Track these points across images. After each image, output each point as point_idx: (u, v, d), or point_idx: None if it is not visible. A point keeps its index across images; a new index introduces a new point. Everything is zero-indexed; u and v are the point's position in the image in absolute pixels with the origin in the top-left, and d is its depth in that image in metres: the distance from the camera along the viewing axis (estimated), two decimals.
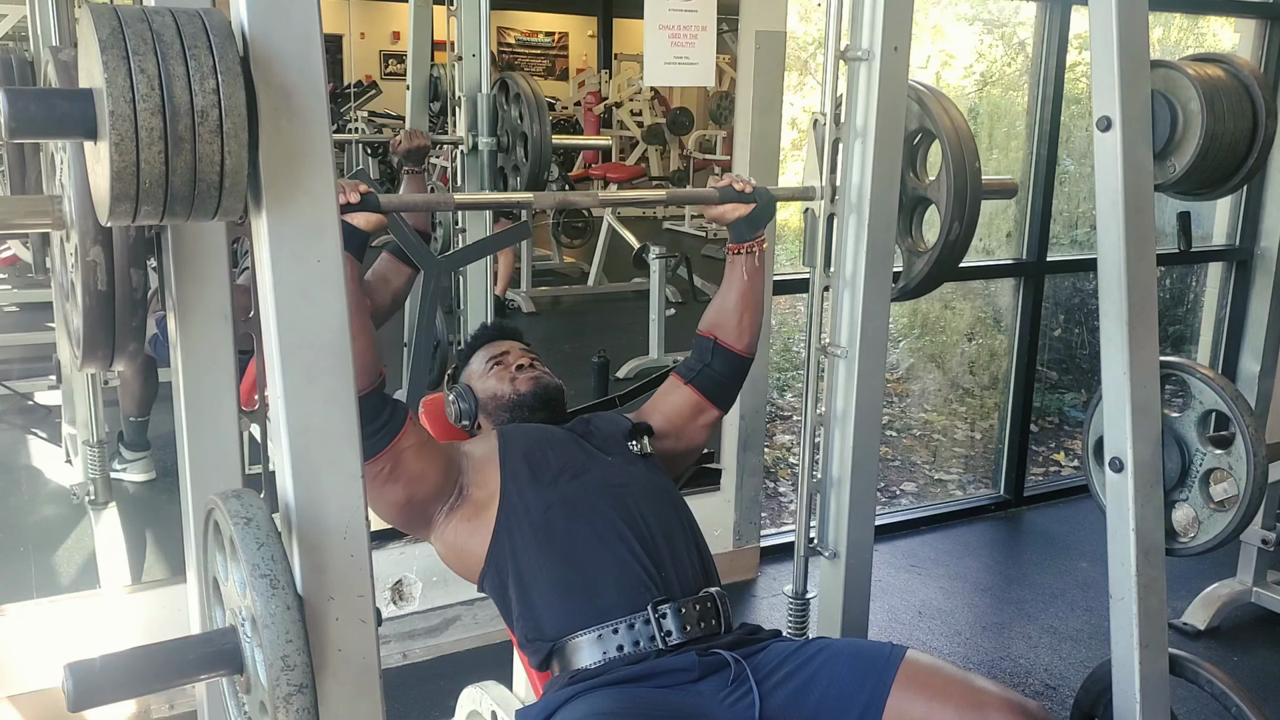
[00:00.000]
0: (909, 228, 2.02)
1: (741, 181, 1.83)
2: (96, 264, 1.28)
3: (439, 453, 1.73)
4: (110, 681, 1.06)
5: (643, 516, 1.72)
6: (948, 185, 1.91)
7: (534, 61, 3.40)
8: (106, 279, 1.30)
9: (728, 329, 1.91)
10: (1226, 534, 1.74)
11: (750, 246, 1.87)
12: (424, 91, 3.02)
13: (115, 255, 1.29)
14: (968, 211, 1.92)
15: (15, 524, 2.64)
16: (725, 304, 1.91)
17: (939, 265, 1.98)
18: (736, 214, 1.84)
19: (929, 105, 1.93)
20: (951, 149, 1.90)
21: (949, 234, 1.93)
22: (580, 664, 1.62)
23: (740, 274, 1.88)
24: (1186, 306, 4.92)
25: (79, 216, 1.27)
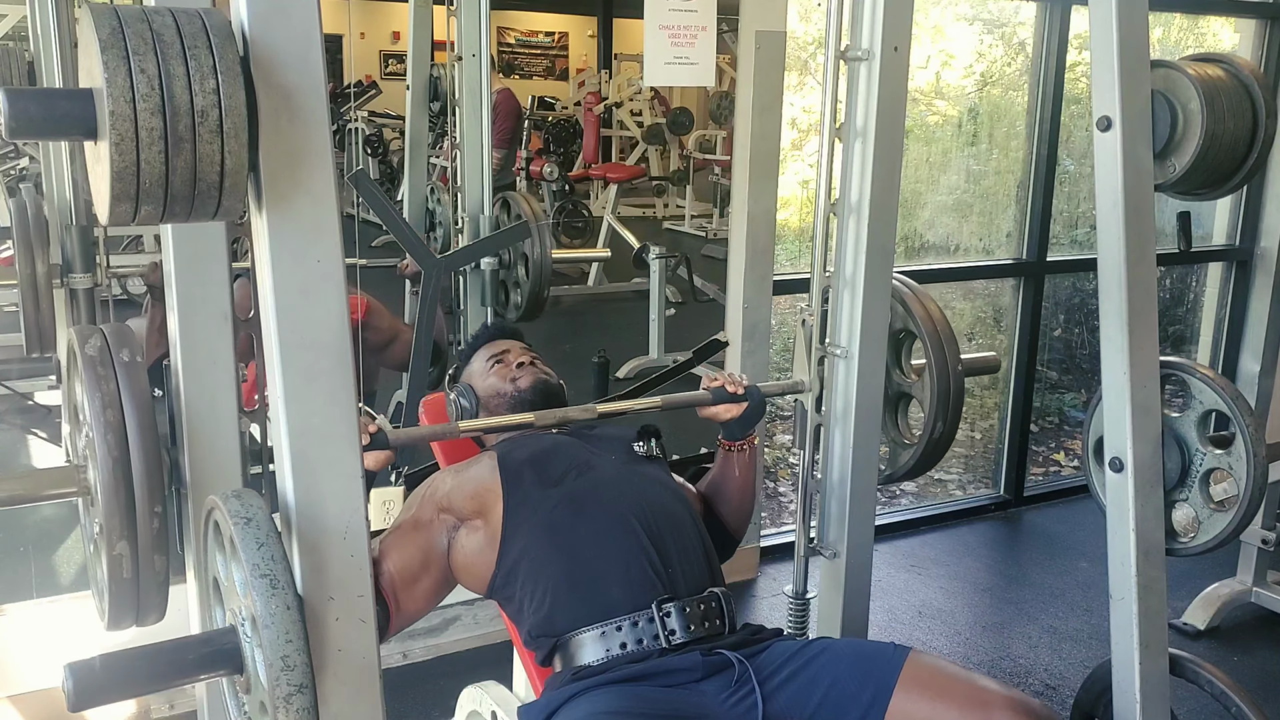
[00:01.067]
0: (894, 421, 2.08)
1: (734, 383, 1.84)
2: (122, 558, 1.34)
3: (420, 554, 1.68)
4: (110, 681, 1.06)
5: (648, 514, 1.72)
6: (931, 384, 1.97)
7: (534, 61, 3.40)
8: (132, 569, 1.35)
9: (721, 512, 1.95)
10: (1226, 534, 1.74)
11: (742, 444, 1.90)
12: (424, 91, 3.02)
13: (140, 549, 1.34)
14: (950, 410, 1.99)
15: (15, 524, 2.64)
16: (721, 493, 1.94)
17: (924, 459, 2.05)
18: (729, 414, 1.85)
19: (911, 306, 1.99)
20: (933, 349, 1.97)
21: (933, 432, 1.99)
22: (583, 661, 1.62)
23: (733, 470, 1.92)
24: (1186, 306, 4.92)
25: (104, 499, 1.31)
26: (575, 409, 1.79)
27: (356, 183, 2.87)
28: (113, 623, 1.42)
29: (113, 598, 1.37)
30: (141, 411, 1.32)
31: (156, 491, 1.32)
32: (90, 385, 1.32)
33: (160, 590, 1.39)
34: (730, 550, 1.96)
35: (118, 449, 1.30)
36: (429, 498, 1.74)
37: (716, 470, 1.95)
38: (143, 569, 1.34)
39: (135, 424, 1.31)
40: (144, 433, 1.31)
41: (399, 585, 1.62)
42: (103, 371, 1.33)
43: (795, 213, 4.12)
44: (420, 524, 1.71)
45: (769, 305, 3.16)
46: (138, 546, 1.33)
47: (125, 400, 1.32)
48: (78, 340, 1.36)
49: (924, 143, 4.59)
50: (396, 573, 1.63)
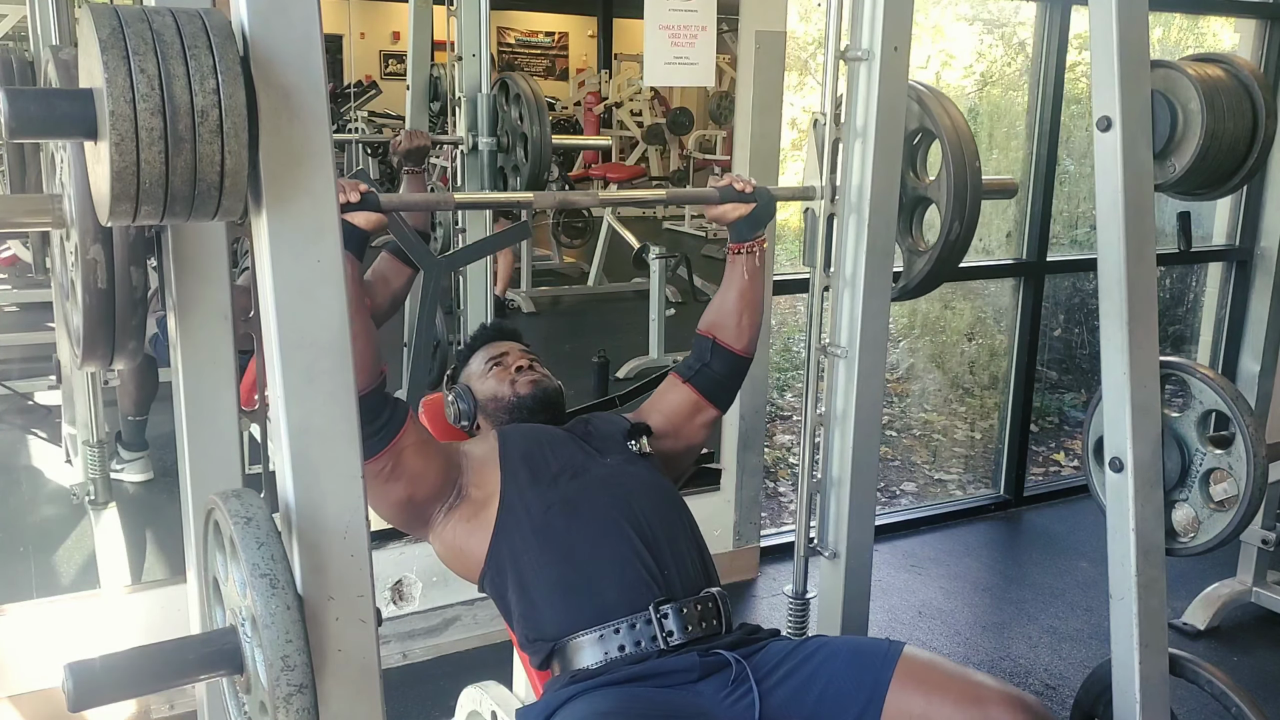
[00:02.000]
0: (909, 227, 2.02)
1: (742, 181, 1.83)
2: (96, 262, 1.27)
3: (439, 452, 1.73)
4: (110, 681, 1.06)
5: (643, 516, 1.72)
6: (948, 185, 1.91)
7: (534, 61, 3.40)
8: (106, 277, 1.29)
9: (727, 328, 1.91)
10: (1226, 534, 1.74)
11: (750, 246, 1.87)
12: (424, 91, 3.02)
13: (115, 253, 1.29)
14: (968, 211, 1.92)
15: (15, 524, 2.64)
16: (725, 304, 1.91)
17: (939, 264, 1.98)
18: (737, 214, 1.84)
19: (929, 105, 1.93)
20: (951, 148, 1.90)
21: (949, 234, 1.93)
22: (581, 664, 1.62)
23: (740, 273, 1.89)
24: (1186, 306, 4.92)
25: (79, 215, 1.27)
26: (578, 193, 1.77)
27: None
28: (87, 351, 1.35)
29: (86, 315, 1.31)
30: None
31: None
32: None
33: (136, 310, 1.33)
34: (742, 371, 1.94)
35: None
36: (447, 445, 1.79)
37: (724, 281, 1.92)
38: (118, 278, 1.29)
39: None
40: None
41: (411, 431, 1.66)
42: None
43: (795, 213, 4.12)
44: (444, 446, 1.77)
45: (769, 305, 3.16)
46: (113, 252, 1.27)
47: None
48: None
49: None
50: (415, 436, 1.67)
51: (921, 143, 1.99)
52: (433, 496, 1.72)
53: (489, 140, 2.87)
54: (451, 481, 1.73)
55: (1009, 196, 2.13)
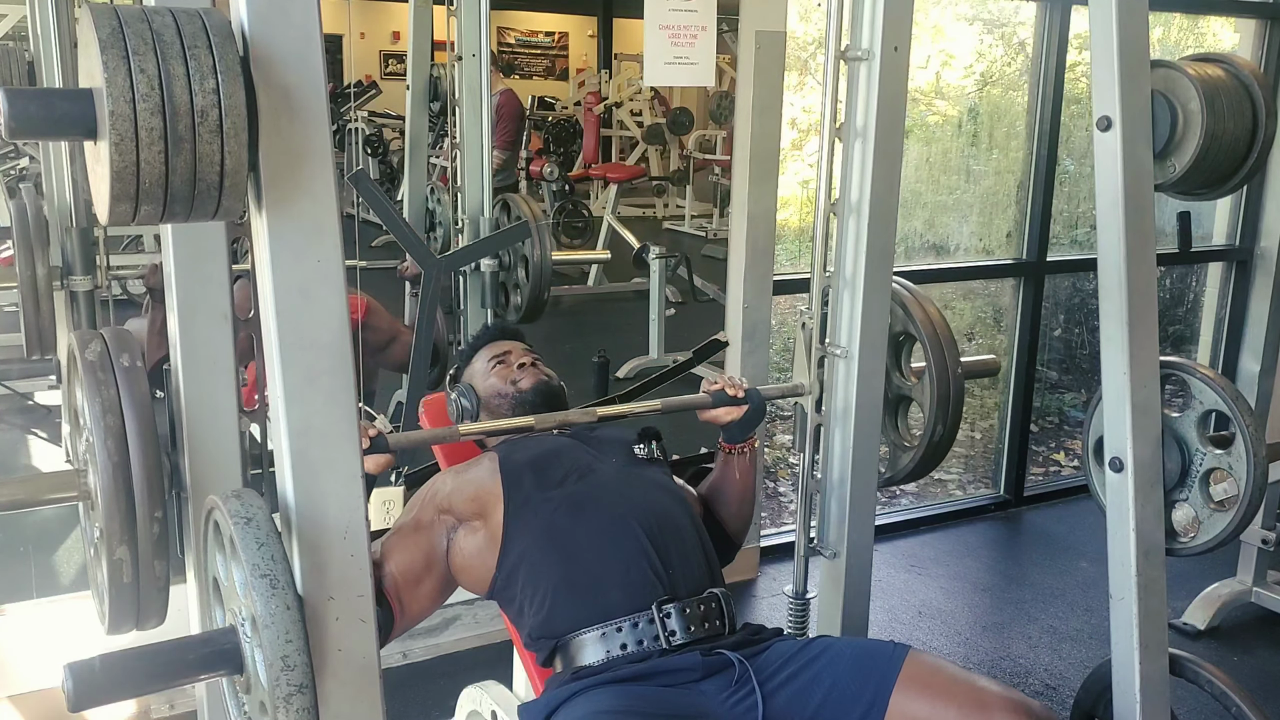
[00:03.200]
0: (894, 423, 2.08)
1: (734, 386, 1.85)
2: (123, 563, 1.33)
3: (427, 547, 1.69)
4: (110, 681, 1.06)
5: (648, 516, 1.72)
6: (931, 387, 1.97)
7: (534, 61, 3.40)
8: (132, 574, 1.35)
9: (721, 514, 1.94)
10: (1226, 534, 1.74)
11: (743, 447, 1.90)
12: (424, 91, 3.02)
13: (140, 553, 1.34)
14: (950, 412, 1.98)
15: (15, 524, 2.64)
16: (720, 496, 1.94)
17: (924, 462, 2.04)
18: (730, 417, 1.85)
19: (910, 309, 1.99)
20: (933, 351, 1.96)
21: (933, 435, 1.99)
22: (583, 661, 1.62)
23: (734, 473, 1.92)
24: (1186, 306, 4.92)
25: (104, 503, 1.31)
26: (575, 412, 1.79)
27: (356, 183, 2.87)
28: (113, 627, 1.43)
29: (113, 602, 1.38)
30: (141, 416, 1.32)
31: (157, 496, 1.32)
32: (90, 390, 1.31)
33: (160, 595, 1.39)
34: (730, 555, 1.96)
35: (118, 454, 1.30)
36: (430, 500, 1.75)
37: (717, 473, 1.95)
38: (143, 574, 1.34)
39: (135, 429, 1.31)
40: (144, 438, 1.31)
41: (402, 587, 1.63)
42: (103, 376, 1.33)
43: (795, 213, 4.12)
44: (421, 525, 1.71)
45: (769, 305, 3.16)
46: (138, 551, 1.33)
47: (125, 405, 1.32)
48: (78, 345, 1.36)
49: (924, 143, 4.59)
50: (399, 574, 1.63)
51: (904, 343, 2.05)
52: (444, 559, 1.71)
53: (491, 261, 2.94)
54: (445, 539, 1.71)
55: (992, 375, 2.22)
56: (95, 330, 1.40)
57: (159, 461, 1.33)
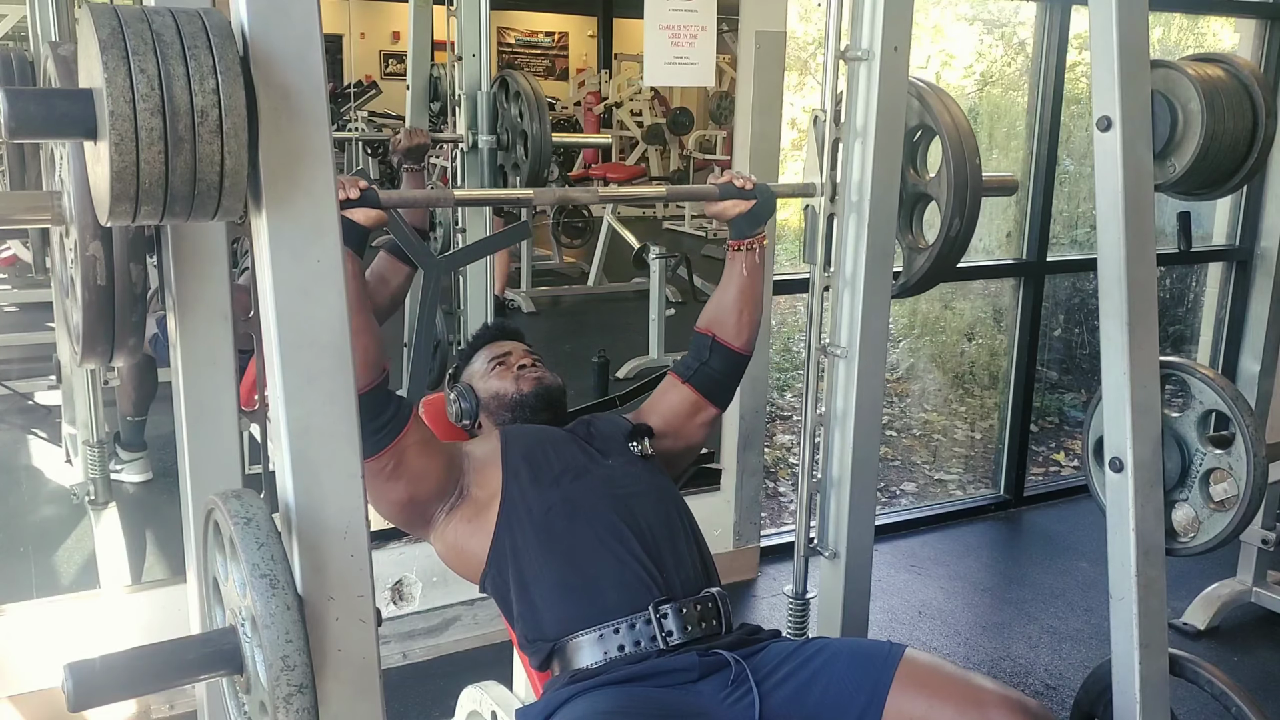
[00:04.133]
0: (909, 224, 2.02)
1: (742, 178, 1.83)
2: (96, 259, 1.27)
3: (442, 451, 1.73)
4: (110, 681, 1.06)
5: (644, 517, 1.72)
6: (948, 182, 1.90)
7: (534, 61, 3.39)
8: (106, 273, 1.29)
9: (726, 326, 1.91)
10: (1226, 534, 1.74)
11: (750, 243, 1.87)
12: (424, 91, 3.02)
13: (115, 249, 1.29)
14: (968, 208, 1.91)
15: (15, 524, 2.64)
16: (724, 301, 1.91)
17: (939, 262, 1.97)
18: (737, 210, 1.84)
19: (929, 102, 1.92)
20: (952, 145, 1.90)
21: (949, 230, 1.92)
22: (581, 664, 1.62)
23: (740, 270, 1.88)
24: (1186, 306, 4.92)
25: (78, 211, 1.27)
26: (578, 190, 1.76)
27: None
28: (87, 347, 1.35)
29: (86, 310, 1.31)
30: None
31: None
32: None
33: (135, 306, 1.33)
34: (741, 369, 1.93)
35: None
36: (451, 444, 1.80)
37: (724, 276, 1.92)
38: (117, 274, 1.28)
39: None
40: None
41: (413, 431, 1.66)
42: None
43: (795, 213, 4.12)
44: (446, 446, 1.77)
45: (769, 305, 3.16)
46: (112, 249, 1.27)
47: None
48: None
49: None
50: (418, 436, 1.67)
51: (922, 140, 1.99)
52: (434, 496, 1.72)
53: (489, 138, 2.87)
54: (454, 481, 1.73)
55: (1009, 194, 2.12)
56: None
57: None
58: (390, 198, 1.61)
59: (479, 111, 2.87)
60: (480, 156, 2.88)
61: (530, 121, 2.81)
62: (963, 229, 1.93)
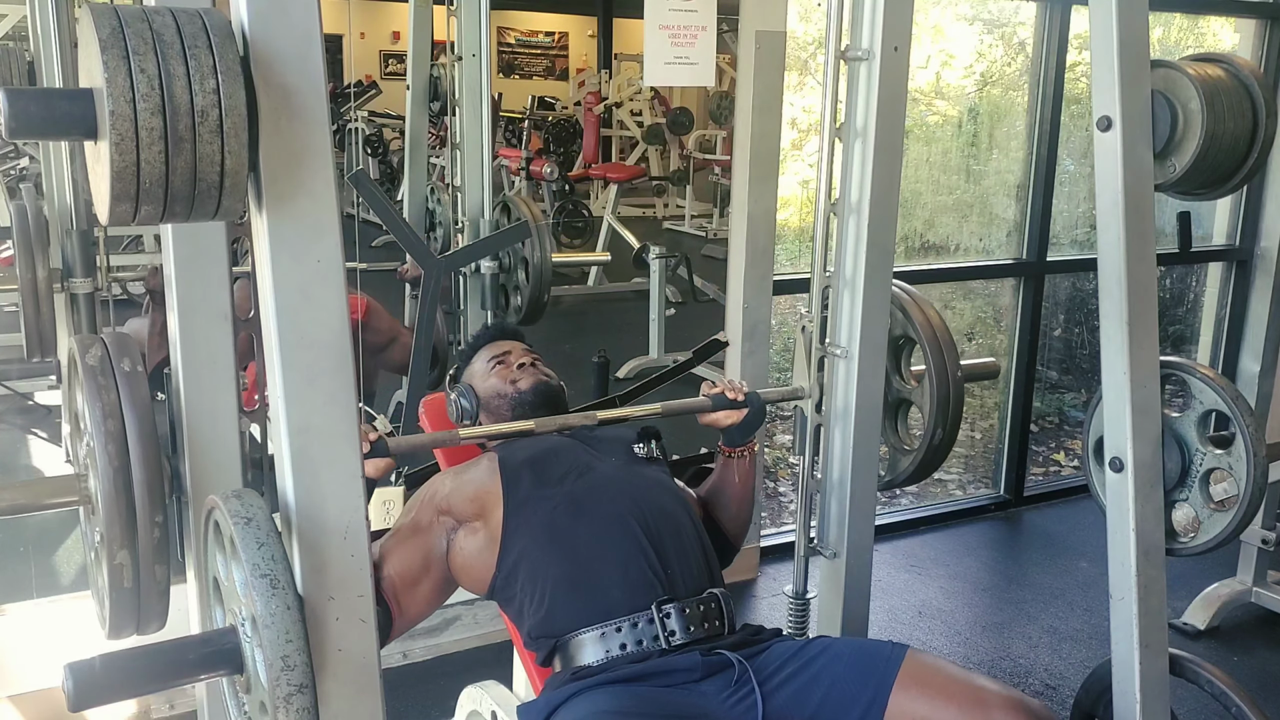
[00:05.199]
0: (894, 427, 2.08)
1: (734, 389, 1.85)
2: (123, 567, 1.33)
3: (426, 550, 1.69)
4: (110, 681, 1.06)
5: (648, 515, 1.72)
6: (931, 391, 1.97)
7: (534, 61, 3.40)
8: (133, 578, 1.34)
9: (721, 517, 1.94)
10: (1226, 534, 1.74)
11: (742, 451, 1.90)
12: (424, 91, 3.02)
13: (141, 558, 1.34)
14: (950, 416, 1.98)
15: (15, 524, 2.64)
16: (719, 498, 1.94)
17: (924, 465, 2.04)
18: (729, 421, 1.85)
19: (910, 312, 1.99)
20: (933, 354, 1.97)
21: (933, 439, 1.99)
22: (582, 661, 1.62)
23: (733, 477, 1.91)
24: (1186, 306, 4.92)
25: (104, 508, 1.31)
26: (576, 415, 1.79)
27: (356, 183, 2.87)
28: (114, 631, 1.42)
29: (114, 606, 1.37)
30: (142, 421, 1.32)
31: (157, 501, 1.32)
32: (91, 395, 1.31)
33: (161, 599, 1.39)
34: (729, 558, 1.96)
35: (118, 459, 1.30)
36: (429, 501, 1.75)
37: (716, 476, 1.95)
38: (143, 578, 1.34)
39: (136, 433, 1.31)
40: (144, 442, 1.31)
41: (400, 588, 1.63)
42: (104, 381, 1.32)
43: (795, 213, 4.12)
44: (420, 527, 1.71)
45: (769, 305, 3.16)
46: (138, 556, 1.33)
47: (126, 410, 1.32)
48: (78, 349, 1.36)
49: (924, 143, 4.59)
50: (397, 576, 1.63)
51: (904, 347, 2.05)
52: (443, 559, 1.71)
53: (491, 264, 2.95)
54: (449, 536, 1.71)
55: (992, 378, 2.21)
56: (96, 335, 1.40)
57: (159, 466, 1.33)
58: (399, 445, 1.61)
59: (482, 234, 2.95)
60: (483, 280, 2.96)
61: (531, 249, 2.91)
62: (945, 437, 2.00)
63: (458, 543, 1.71)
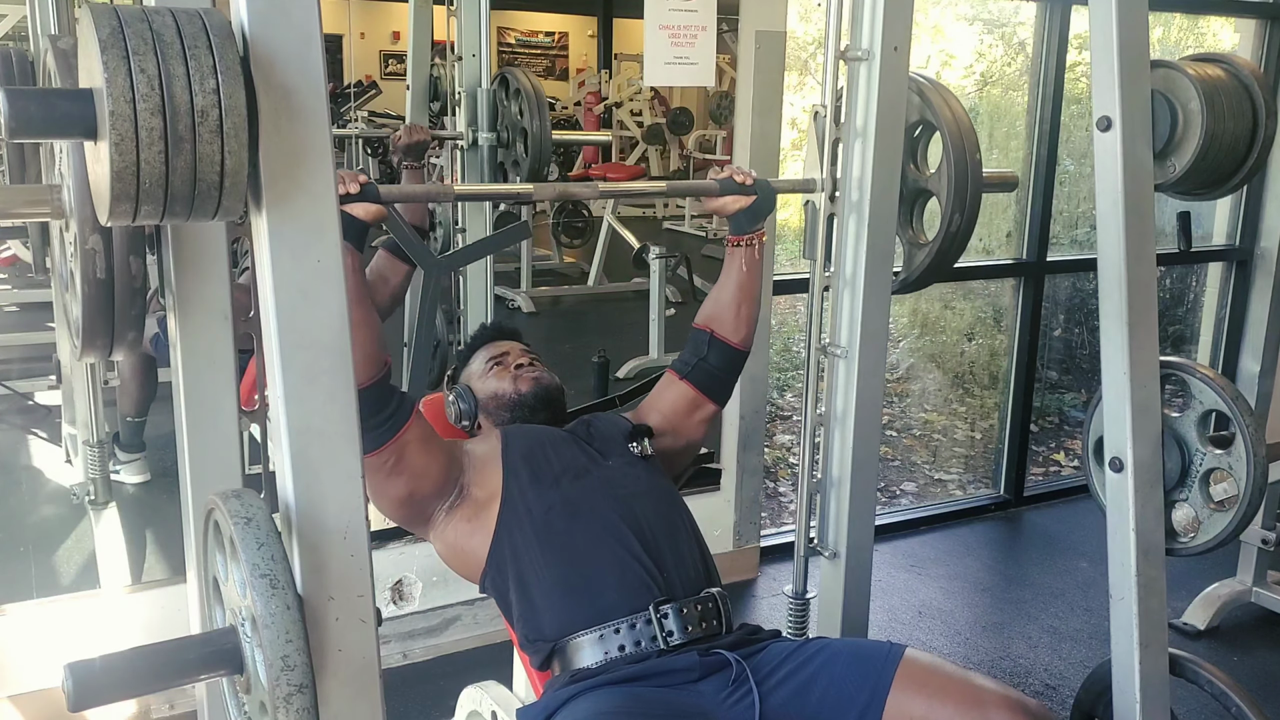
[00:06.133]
0: (910, 220, 2.02)
1: (742, 174, 1.83)
2: (95, 251, 1.27)
3: (443, 449, 1.73)
4: (110, 681, 1.06)
5: (644, 517, 1.72)
6: (948, 177, 1.90)
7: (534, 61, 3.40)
8: (105, 266, 1.29)
9: (724, 321, 1.91)
10: (1226, 534, 1.74)
11: (750, 239, 1.87)
12: (424, 91, 3.02)
13: (114, 243, 1.29)
14: (969, 203, 1.91)
15: (15, 524, 2.64)
16: (723, 296, 1.91)
17: (940, 257, 1.98)
18: (737, 206, 1.84)
19: (930, 97, 1.93)
20: (952, 141, 1.90)
21: (950, 225, 1.92)
22: (581, 664, 1.62)
23: (739, 266, 1.88)
24: (1186, 306, 4.92)
25: (77, 205, 1.26)
26: (578, 185, 1.76)
27: None
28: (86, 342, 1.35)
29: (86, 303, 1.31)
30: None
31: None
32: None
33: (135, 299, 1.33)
34: (739, 365, 1.94)
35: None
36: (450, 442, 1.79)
37: (723, 274, 1.92)
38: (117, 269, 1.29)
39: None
40: None
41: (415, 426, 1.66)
42: None
43: (795, 213, 4.11)
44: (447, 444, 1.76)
45: (769, 305, 3.16)
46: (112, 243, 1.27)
47: None
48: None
49: None
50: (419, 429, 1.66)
51: (922, 135, 1.99)
52: (435, 494, 1.72)
53: (489, 135, 2.87)
54: (454, 480, 1.73)
55: (1010, 189, 2.12)
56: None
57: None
58: (390, 192, 1.60)
59: (479, 108, 2.88)
60: (480, 154, 2.88)
61: (530, 119, 2.81)
62: (963, 225, 1.92)
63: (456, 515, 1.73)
